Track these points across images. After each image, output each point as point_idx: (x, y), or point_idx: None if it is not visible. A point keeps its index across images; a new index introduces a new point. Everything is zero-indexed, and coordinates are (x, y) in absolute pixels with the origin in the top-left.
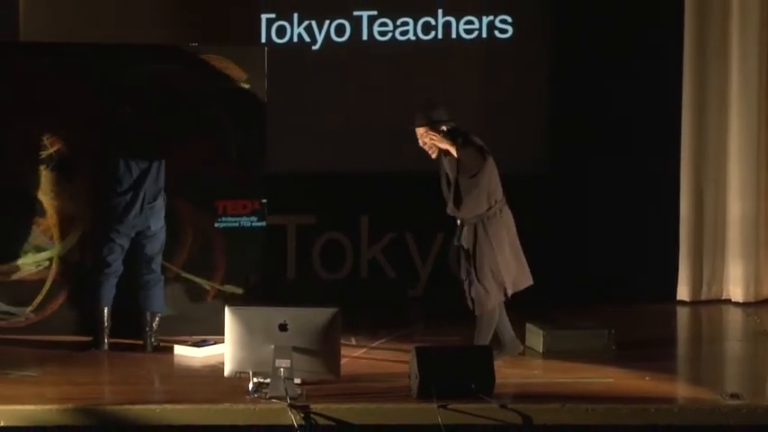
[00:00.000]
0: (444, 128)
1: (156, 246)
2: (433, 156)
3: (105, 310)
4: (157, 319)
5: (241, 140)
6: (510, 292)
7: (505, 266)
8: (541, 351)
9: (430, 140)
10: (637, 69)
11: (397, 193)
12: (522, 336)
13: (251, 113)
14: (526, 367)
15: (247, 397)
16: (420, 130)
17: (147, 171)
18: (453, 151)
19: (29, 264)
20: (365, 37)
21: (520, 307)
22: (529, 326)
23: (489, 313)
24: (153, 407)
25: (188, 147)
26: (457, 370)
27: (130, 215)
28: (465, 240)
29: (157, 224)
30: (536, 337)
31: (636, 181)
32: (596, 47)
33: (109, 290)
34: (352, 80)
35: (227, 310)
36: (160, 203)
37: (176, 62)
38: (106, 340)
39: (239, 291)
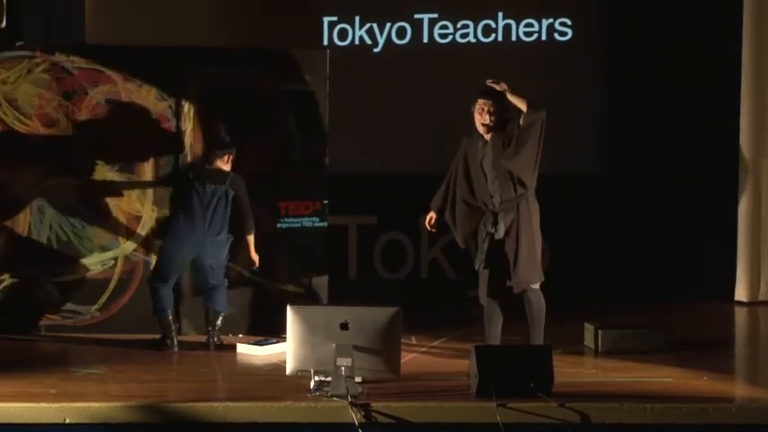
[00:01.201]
0: (503, 104)
1: (220, 258)
2: (487, 133)
3: (169, 313)
4: (220, 318)
5: (303, 142)
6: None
7: (539, 250)
8: (599, 350)
9: (488, 115)
10: (695, 71)
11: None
12: (579, 335)
13: (313, 115)
14: (584, 366)
15: (309, 395)
16: (486, 101)
17: (216, 203)
18: (524, 106)
19: (94, 263)
20: (426, 39)
21: (577, 306)
22: (586, 325)
23: (539, 302)
24: (216, 404)
25: (251, 148)
26: (516, 369)
27: (191, 242)
28: (501, 225)
29: (216, 259)
30: (593, 337)
31: (693, 181)
32: (655, 49)
33: (168, 295)
34: (413, 82)
35: (288, 309)
36: (223, 238)
37: (240, 65)
38: (176, 342)
39: (301, 290)
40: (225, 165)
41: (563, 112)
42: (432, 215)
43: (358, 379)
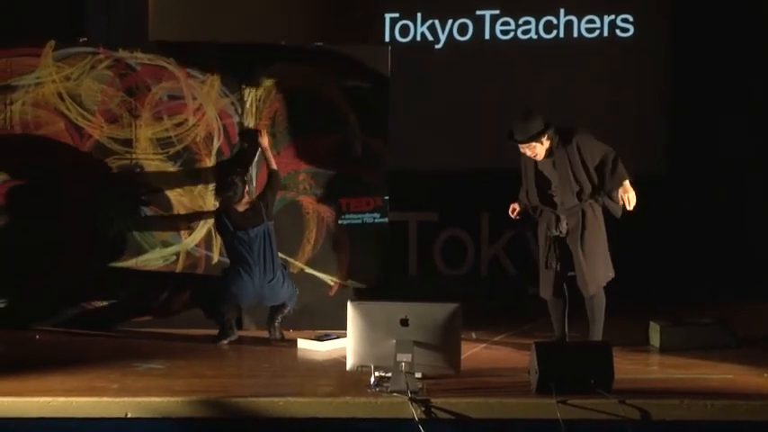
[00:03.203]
0: (543, 139)
1: (278, 299)
2: (539, 158)
3: (230, 306)
4: (286, 311)
5: (365, 138)
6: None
7: (606, 248)
8: (659, 347)
9: (532, 152)
10: (761, 64)
11: (518, 191)
12: (639, 329)
13: (374, 112)
14: (644, 363)
15: (369, 390)
16: (520, 145)
17: (264, 246)
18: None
19: (156, 258)
20: (487, 36)
21: (641, 304)
22: (652, 324)
23: (600, 297)
24: (277, 400)
25: (313, 145)
26: (576, 365)
27: (251, 292)
28: (568, 227)
29: (276, 300)
30: (654, 333)
31: (759, 180)
32: (718, 45)
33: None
34: (475, 78)
35: (349, 304)
36: (279, 279)
37: (302, 62)
38: (235, 329)
39: (362, 286)
40: (243, 196)
41: (625, 110)
42: (515, 206)
43: (418, 375)
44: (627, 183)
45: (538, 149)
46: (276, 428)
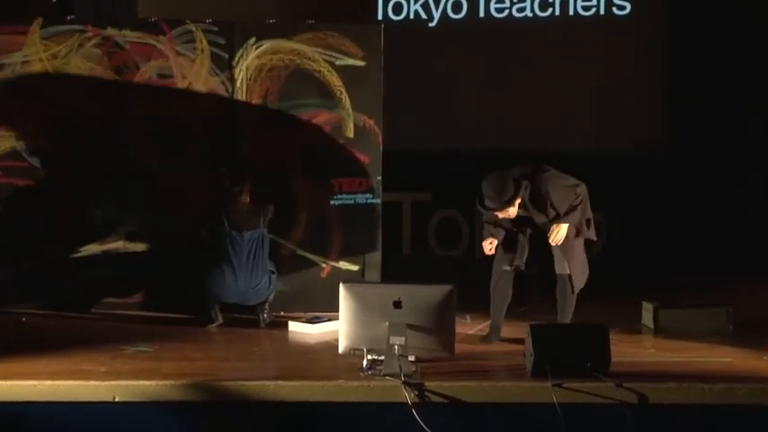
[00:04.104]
0: (518, 201)
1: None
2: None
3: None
4: (272, 295)
5: (357, 118)
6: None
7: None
8: (656, 329)
9: (506, 214)
10: (759, 42)
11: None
12: (637, 313)
13: (367, 90)
14: (641, 346)
15: (361, 374)
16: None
17: (255, 250)
18: (543, 218)
19: (142, 243)
20: (482, 14)
21: (633, 284)
22: (645, 304)
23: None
24: (267, 383)
25: (304, 124)
26: (572, 348)
27: (234, 293)
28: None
29: (259, 300)
30: (650, 315)
31: (757, 155)
32: (717, 23)
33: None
34: (469, 57)
35: (341, 286)
36: (265, 284)
37: (294, 40)
38: (219, 314)
39: (354, 267)
40: (247, 197)
41: (622, 88)
42: (492, 240)
43: (411, 358)
44: (564, 226)
45: (511, 210)
46: (266, 412)
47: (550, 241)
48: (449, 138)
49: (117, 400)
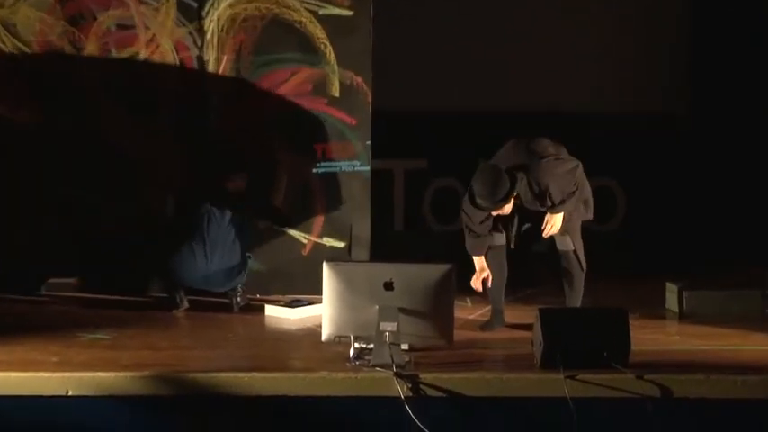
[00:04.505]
0: (513, 193)
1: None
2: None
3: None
4: (245, 276)
5: (343, 74)
6: None
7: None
8: (682, 314)
9: (501, 211)
10: None
11: (519, 134)
12: (660, 295)
13: (355, 44)
14: (665, 332)
15: (347, 364)
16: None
17: (231, 233)
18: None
19: (110, 220)
20: None
21: (657, 264)
22: (669, 285)
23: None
24: (241, 375)
25: (285, 81)
26: (587, 336)
27: (192, 273)
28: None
29: (223, 288)
30: (676, 298)
31: None
32: None
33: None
34: (470, 6)
35: (325, 265)
36: (235, 270)
37: None
38: (184, 298)
39: (340, 244)
40: (243, 183)
41: (638, 44)
42: (485, 271)
43: (404, 346)
44: (559, 216)
45: (506, 208)
46: (240, 408)
47: (544, 234)
48: (447, 97)
49: (70, 393)
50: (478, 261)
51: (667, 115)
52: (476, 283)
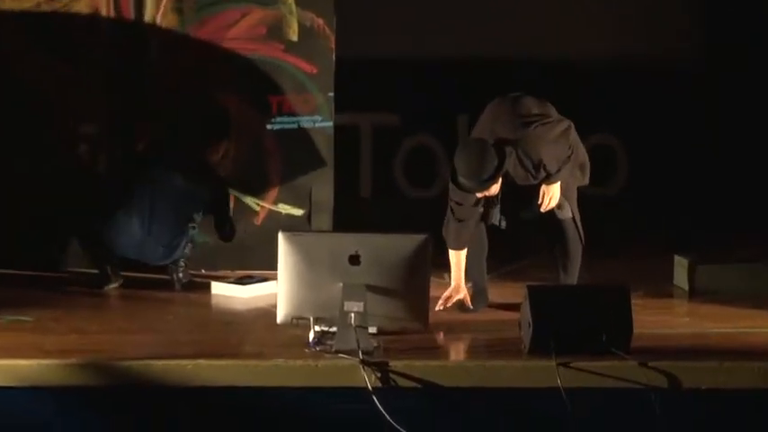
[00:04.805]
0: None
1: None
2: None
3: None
4: (188, 249)
5: (302, 16)
6: None
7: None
8: (693, 292)
9: (488, 192)
10: None
11: (504, 85)
12: (668, 270)
13: None
14: (672, 313)
15: (306, 351)
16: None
17: (180, 207)
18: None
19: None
20: None
21: (664, 235)
22: (678, 259)
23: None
24: (184, 363)
25: (234, 23)
26: (583, 317)
27: (133, 243)
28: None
29: (158, 262)
30: (686, 274)
31: None
32: None
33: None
34: None
35: (280, 236)
36: (182, 244)
37: None
38: (118, 273)
39: (298, 212)
40: (219, 156)
41: None
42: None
43: (372, 330)
44: (556, 186)
45: (494, 188)
46: (183, 400)
47: (542, 209)
48: (422, 42)
49: None
50: (457, 263)
51: (676, 59)
52: (446, 302)
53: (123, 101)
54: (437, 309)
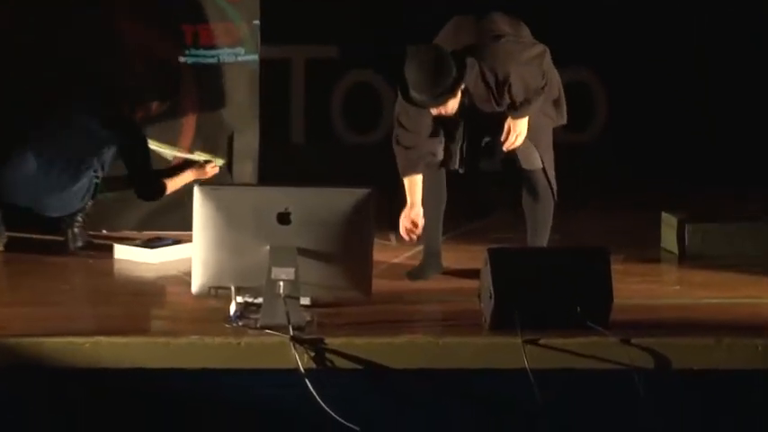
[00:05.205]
0: (460, 90)
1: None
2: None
3: None
4: (88, 204)
5: None
6: None
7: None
8: (684, 255)
9: (444, 110)
10: None
11: (456, 7)
12: (655, 230)
13: None
14: (660, 281)
15: (227, 326)
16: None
17: (87, 139)
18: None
19: None
20: None
21: (649, 189)
22: (666, 216)
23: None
24: (80, 340)
25: None
26: (554, 285)
27: (28, 189)
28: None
29: (65, 212)
30: (675, 234)
31: None
32: None
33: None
34: None
35: (196, 190)
36: (82, 190)
37: None
38: (2, 231)
39: (219, 161)
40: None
41: None
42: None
43: (305, 301)
44: (523, 122)
45: (450, 104)
46: (81, 384)
47: (504, 147)
48: None
49: None
50: (411, 188)
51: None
52: (405, 223)
53: None
54: (403, 234)
